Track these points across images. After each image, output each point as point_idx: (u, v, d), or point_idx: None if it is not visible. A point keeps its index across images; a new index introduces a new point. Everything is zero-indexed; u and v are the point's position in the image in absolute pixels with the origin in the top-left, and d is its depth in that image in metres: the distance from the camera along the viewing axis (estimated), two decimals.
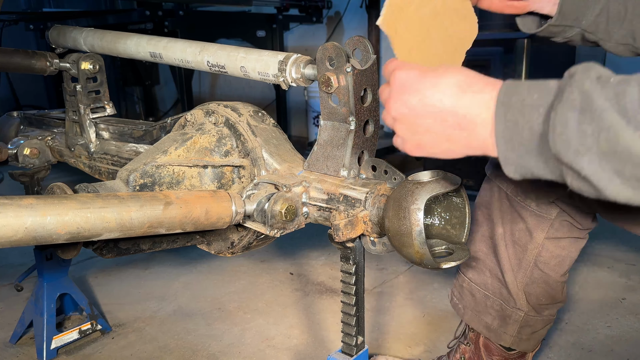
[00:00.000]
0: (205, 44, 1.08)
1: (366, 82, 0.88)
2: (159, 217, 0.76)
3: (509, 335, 1.11)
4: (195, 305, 1.70)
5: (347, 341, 0.98)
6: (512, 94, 0.53)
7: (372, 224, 0.85)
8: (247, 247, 1.00)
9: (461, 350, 1.18)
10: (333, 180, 0.90)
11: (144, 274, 1.95)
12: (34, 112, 1.59)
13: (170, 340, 1.49)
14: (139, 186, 0.88)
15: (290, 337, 1.49)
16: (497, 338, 1.12)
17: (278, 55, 0.95)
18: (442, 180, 0.77)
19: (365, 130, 0.91)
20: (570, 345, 1.42)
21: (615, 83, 0.46)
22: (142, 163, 0.90)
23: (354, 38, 0.87)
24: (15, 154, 1.38)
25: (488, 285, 1.10)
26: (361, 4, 3.70)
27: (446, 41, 0.80)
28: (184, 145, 0.93)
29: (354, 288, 0.94)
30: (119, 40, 1.24)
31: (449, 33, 0.80)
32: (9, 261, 2.09)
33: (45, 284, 1.40)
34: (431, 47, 0.78)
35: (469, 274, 1.14)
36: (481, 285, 1.11)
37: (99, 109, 1.31)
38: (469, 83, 0.58)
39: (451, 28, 0.80)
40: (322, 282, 1.82)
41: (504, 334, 1.11)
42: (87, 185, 0.81)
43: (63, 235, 0.67)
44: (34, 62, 1.31)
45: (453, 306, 1.19)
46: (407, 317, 1.58)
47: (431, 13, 0.77)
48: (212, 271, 1.93)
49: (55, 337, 1.41)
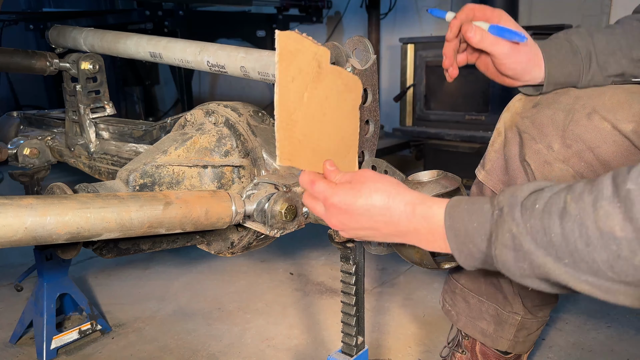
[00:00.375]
0: (205, 44, 1.08)
1: (366, 82, 0.88)
2: (158, 217, 0.76)
3: (506, 340, 1.10)
4: (195, 305, 1.70)
5: (347, 341, 0.98)
6: (456, 219, 0.61)
7: None
8: (247, 247, 1.00)
9: (457, 359, 1.18)
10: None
11: (144, 274, 1.95)
12: (34, 112, 1.59)
13: (170, 340, 1.49)
14: (139, 186, 0.88)
15: (291, 337, 1.49)
16: (494, 343, 1.11)
17: None
18: (442, 180, 0.77)
19: (365, 130, 0.91)
20: (570, 345, 1.42)
21: (540, 213, 0.53)
22: (142, 163, 0.90)
23: (354, 38, 0.87)
24: (15, 154, 1.38)
25: (482, 290, 1.09)
26: (361, 4, 3.69)
27: (337, 134, 0.78)
28: (183, 145, 0.93)
29: (354, 288, 0.94)
30: (118, 40, 1.24)
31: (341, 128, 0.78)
32: (9, 261, 2.09)
33: (45, 284, 1.40)
34: (324, 143, 0.76)
35: (461, 280, 1.13)
36: (475, 291, 1.10)
37: (99, 109, 1.31)
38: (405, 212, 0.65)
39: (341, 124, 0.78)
40: (322, 282, 1.82)
41: (500, 338, 1.10)
42: (87, 185, 0.81)
43: (63, 235, 0.67)
44: (34, 62, 1.31)
45: (445, 312, 1.18)
46: (407, 317, 1.58)
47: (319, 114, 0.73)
48: (212, 271, 1.93)
49: (55, 337, 1.41)
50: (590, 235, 0.50)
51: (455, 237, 0.60)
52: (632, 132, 0.84)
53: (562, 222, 0.52)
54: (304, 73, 0.69)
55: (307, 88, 0.70)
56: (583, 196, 0.51)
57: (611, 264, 0.50)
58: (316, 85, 0.71)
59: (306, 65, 0.69)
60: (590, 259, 0.51)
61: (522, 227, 0.54)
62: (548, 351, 1.39)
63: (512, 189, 0.58)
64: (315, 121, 0.73)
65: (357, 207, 0.67)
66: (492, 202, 0.59)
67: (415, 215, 0.64)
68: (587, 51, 0.87)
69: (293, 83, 0.68)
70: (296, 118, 0.70)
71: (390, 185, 0.67)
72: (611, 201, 0.49)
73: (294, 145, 0.70)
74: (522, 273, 0.56)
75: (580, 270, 0.52)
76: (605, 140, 0.85)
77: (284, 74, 0.66)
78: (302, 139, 0.71)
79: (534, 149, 0.91)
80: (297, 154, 0.71)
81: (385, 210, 0.65)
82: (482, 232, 0.58)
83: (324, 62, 0.72)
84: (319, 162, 0.75)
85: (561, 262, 0.52)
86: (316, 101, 0.72)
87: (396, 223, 0.65)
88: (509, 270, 0.57)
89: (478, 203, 0.60)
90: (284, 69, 0.66)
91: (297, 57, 0.68)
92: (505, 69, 0.88)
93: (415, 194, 0.66)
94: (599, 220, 0.50)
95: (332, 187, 0.70)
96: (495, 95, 2.63)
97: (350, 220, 0.69)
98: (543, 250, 0.53)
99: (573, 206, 0.51)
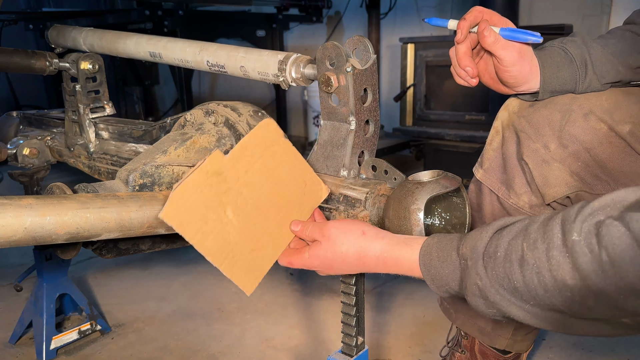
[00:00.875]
0: (204, 43, 1.08)
1: (366, 82, 0.87)
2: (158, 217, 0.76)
3: (504, 338, 1.10)
4: (195, 305, 1.70)
5: (347, 341, 0.97)
6: (430, 267, 0.66)
7: (372, 224, 0.85)
8: None
9: (456, 358, 1.18)
10: (333, 180, 0.90)
11: (143, 274, 1.95)
12: (34, 112, 1.59)
13: (170, 341, 1.49)
14: (139, 186, 0.88)
15: (290, 337, 1.49)
16: (492, 341, 1.11)
17: (278, 55, 0.95)
18: (442, 180, 0.76)
19: (365, 130, 0.90)
20: (570, 345, 1.42)
21: (502, 262, 0.58)
22: (142, 163, 0.89)
23: (354, 38, 0.87)
24: (15, 153, 1.37)
25: None
26: (361, 3, 3.69)
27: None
28: (183, 145, 0.93)
29: (354, 288, 0.94)
30: (118, 40, 1.23)
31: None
32: (9, 261, 2.08)
33: (45, 284, 1.40)
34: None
35: None
36: None
37: (99, 108, 1.31)
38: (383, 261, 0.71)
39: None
40: (322, 282, 1.82)
41: (498, 336, 1.10)
42: (86, 185, 0.81)
43: (62, 236, 0.66)
44: (34, 61, 1.31)
45: (443, 311, 1.18)
46: (407, 317, 1.58)
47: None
48: (212, 271, 1.93)
49: (55, 338, 1.41)
50: (547, 282, 0.54)
51: (433, 281, 0.67)
52: (628, 134, 0.83)
53: (522, 270, 0.56)
54: (211, 201, 0.68)
55: (224, 207, 0.69)
56: (537, 244, 0.55)
57: (568, 306, 0.54)
58: (235, 189, 0.70)
59: (207, 193, 0.67)
60: (550, 303, 0.55)
61: (486, 280, 0.59)
62: (548, 351, 1.39)
63: (474, 238, 0.63)
64: (253, 223, 0.73)
65: (335, 261, 0.73)
66: (458, 252, 0.64)
67: (388, 265, 0.71)
68: (583, 59, 0.87)
69: (207, 225, 0.67)
70: (234, 245, 0.71)
71: (356, 239, 0.72)
72: (561, 251, 0.53)
73: (245, 269, 0.73)
74: (493, 315, 0.62)
75: (545, 310, 0.57)
76: (602, 141, 0.85)
77: (193, 234, 0.67)
78: (248, 257, 0.73)
79: (532, 148, 0.90)
80: (253, 275, 0.75)
81: (360, 259, 0.72)
82: (455, 277, 0.64)
83: (225, 166, 0.68)
84: (271, 258, 0.78)
85: (527, 304, 0.57)
86: (242, 204, 0.71)
87: (372, 268, 0.72)
88: (483, 312, 0.63)
89: (446, 250, 0.65)
90: (189, 235, 0.66)
91: (190, 208, 0.66)
92: (508, 76, 0.87)
93: (382, 245, 0.71)
94: (552, 269, 0.53)
95: (305, 258, 0.76)
96: (495, 95, 2.61)
97: (334, 271, 0.76)
98: (509, 297, 0.58)
99: (529, 255, 0.56)
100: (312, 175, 0.80)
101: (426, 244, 0.68)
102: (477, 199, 1.03)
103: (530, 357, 1.36)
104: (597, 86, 0.88)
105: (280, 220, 0.78)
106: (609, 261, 0.49)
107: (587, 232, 0.51)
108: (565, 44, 0.89)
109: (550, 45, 0.91)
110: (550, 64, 0.88)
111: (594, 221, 0.51)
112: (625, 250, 0.48)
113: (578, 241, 0.51)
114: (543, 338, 1.44)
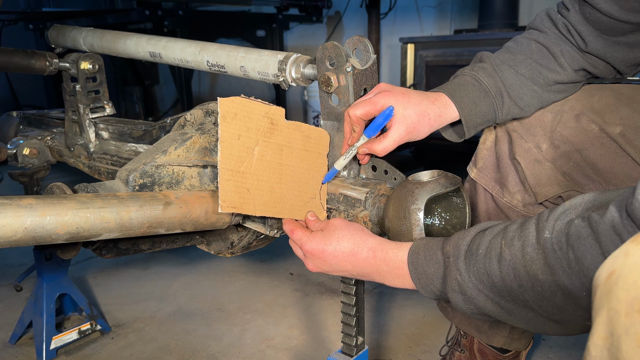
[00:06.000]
0: (204, 43, 1.08)
1: (366, 82, 0.88)
2: (158, 217, 0.76)
3: (501, 336, 1.10)
4: (195, 305, 1.70)
5: (347, 341, 0.97)
6: (417, 265, 0.69)
7: (372, 224, 0.85)
8: (247, 247, 0.99)
9: (456, 357, 1.18)
10: (333, 180, 0.90)
11: (143, 274, 1.95)
12: (34, 111, 1.59)
13: (169, 341, 1.49)
14: (139, 186, 0.88)
15: (290, 337, 1.49)
16: (489, 339, 1.11)
17: (278, 54, 0.95)
18: (442, 180, 0.76)
19: None
20: (570, 345, 1.42)
21: (482, 258, 0.61)
22: (142, 163, 0.89)
23: (354, 38, 0.87)
24: (15, 153, 1.37)
25: None
26: (361, 3, 3.69)
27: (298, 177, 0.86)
28: (183, 145, 0.93)
29: (354, 288, 0.94)
30: (118, 40, 1.24)
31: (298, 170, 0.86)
32: (9, 261, 2.08)
33: (45, 284, 1.40)
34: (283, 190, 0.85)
35: None
36: None
37: (99, 108, 1.31)
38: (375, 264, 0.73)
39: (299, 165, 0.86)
40: (322, 282, 1.82)
41: (495, 335, 1.10)
42: (86, 185, 0.81)
43: (62, 236, 0.66)
44: (34, 61, 1.31)
45: (441, 309, 1.18)
46: (407, 317, 1.58)
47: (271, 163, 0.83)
48: (212, 271, 1.93)
49: (55, 338, 1.41)
50: (521, 277, 0.57)
51: (419, 280, 0.69)
52: (619, 135, 0.83)
53: (500, 265, 0.59)
54: (253, 130, 0.80)
55: (257, 143, 0.80)
56: (514, 242, 0.58)
57: (539, 303, 0.57)
58: (269, 139, 0.82)
59: (255, 123, 0.80)
60: (523, 299, 0.58)
61: (466, 275, 0.63)
62: (548, 351, 1.39)
63: (458, 237, 0.66)
64: (270, 171, 0.82)
65: (327, 252, 0.77)
66: (443, 251, 0.67)
67: (377, 259, 0.73)
68: (497, 89, 0.87)
69: (239, 140, 0.78)
70: (245, 170, 0.79)
71: (356, 232, 0.76)
72: (535, 247, 0.56)
73: (242, 194, 0.79)
74: (471, 311, 0.65)
75: (519, 307, 0.59)
76: (593, 142, 0.85)
77: (227, 134, 0.77)
78: (252, 188, 0.80)
79: (524, 148, 0.91)
80: (244, 201, 0.79)
81: (352, 255, 0.75)
82: (438, 275, 0.67)
83: (277, 119, 0.82)
84: (276, 207, 0.83)
85: (503, 299, 0.60)
86: (270, 153, 0.82)
87: (362, 266, 0.75)
88: (462, 309, 0.65)
89: (432, 250, 0.68)
90: (225, 130, 0.76)
91: (242, 117, 0.78)
92: (424, 135, 0.87)
93: (376, 241, 0.74)
94: (526, 264, 0.56)
95: (307, 235, 0.80)
96: None
97: (323, 264, 0.78)
98: (487, 293, 0.61)
99: (507, 251, 0.59)
100: (306, 127, 0.87)
101: (415, 244, 0.71)
102: (472, 197, 1.04)
103: (530, 356, 1.36)
104: (516, 111, 0.89)
105: (300, 180, 0.86)
106: (575, 259, 0.52)
107: (558, 230, 0.54)
108: (477, 73, 0.88)
109: (461, 74, 0.90)
110: (468, 102, 0.87)
111: (566, 220, 0.54)
112: (588, 249, 0.50)
113: (549, 238, 0.54)
114: (543, 338, 1.44)
